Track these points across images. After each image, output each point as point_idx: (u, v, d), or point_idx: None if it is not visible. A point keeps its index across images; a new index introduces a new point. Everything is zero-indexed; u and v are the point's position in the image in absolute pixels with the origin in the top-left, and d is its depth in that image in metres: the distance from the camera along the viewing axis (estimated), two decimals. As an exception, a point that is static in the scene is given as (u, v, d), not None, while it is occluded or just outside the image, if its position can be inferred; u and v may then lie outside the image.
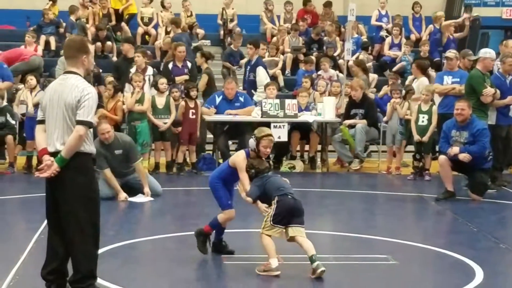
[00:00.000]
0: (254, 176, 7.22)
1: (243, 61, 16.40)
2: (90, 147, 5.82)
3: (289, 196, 7.04)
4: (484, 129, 10.82)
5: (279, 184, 7.16)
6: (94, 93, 5.77)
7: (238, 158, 7.37)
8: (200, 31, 18.64)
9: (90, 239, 5.83)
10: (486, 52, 11.94)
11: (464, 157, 10.58)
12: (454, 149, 10.68)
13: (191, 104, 13.11)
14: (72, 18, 17.54)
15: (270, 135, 7.36)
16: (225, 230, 7.57)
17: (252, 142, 7.32)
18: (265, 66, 15.56)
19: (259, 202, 7.19)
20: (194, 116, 13.11)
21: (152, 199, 10.65)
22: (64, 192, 5.78)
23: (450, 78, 13.04)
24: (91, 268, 5.85)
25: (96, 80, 13.74)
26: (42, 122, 5.91)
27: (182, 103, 13.08)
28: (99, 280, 6.09)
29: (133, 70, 13.90)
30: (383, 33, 18.66)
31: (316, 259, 6.78)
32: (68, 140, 5.69)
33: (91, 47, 6.16)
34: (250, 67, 15.19)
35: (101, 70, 14.95)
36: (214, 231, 7.57)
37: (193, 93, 13.14)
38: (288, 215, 6.97)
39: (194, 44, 16.88)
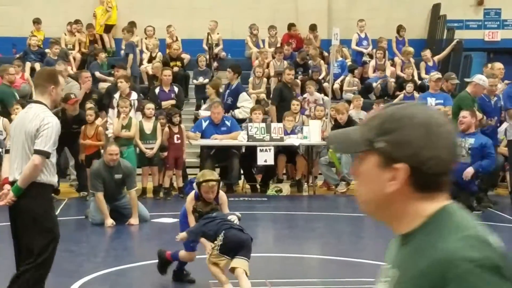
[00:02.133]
0: (199, 218, 7.19)
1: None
2: (49, 178, 5.77)
3: (237, 229, 7.03)
4: (492, 144, 10.90)
5: (223, 220, 7.11)
6: (55, 123, 5.74)
7: (187, 201, 7.47)
8: (186, 56, 18.70)
9: (40, 268, 5.82)
10: (480, 79, 11.97)
11: (468, 172, 10.57)
12: (469, 170, 10.60)
13: (175, 130, 13.15)
14: (50, 52, 17.37)
15: (211, 180, 7.22)
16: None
17: (194, 185, 7.37)
18: (246, 91, 15.71)
19: (203, 238, 7.15)
20: (179, 141, 13.16)
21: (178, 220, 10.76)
22: (20, 220, 5.78)
23: (434, 100, 13.18)
24: None
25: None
26: (9, 151, 5.95)
27: (166, 129, 13.13)
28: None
29: (116, 95, 13.94)
30: (365, 58, 18.78)
31: None
32: (24, 170, 5.67)
33: (62, 80, 6.11)
34: (230, 91, 15.27)
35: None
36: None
37: (175, 119, 13.18)
38: (236, 247, 6.95)
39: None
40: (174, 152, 13.09)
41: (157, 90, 14.64)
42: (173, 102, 14.44)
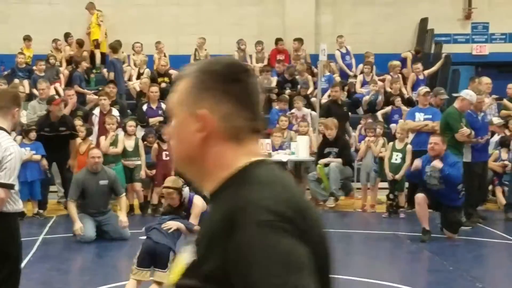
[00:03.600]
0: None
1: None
2: (14, 207, 5.69)
3: (149, 238, 7.08)
4: (459, 162, 10.85)
5: (151, 225, 7.30)
6: (16, 152, 5.63)
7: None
8: (174, 72, 18.66)
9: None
10: (468, 94, 11.96)
11: (438, 163, 10.50)
12: (437, 162, 10.62)
13: (164, 146, 13.12)
14: (36, 69, 17.34)
15: (168, 187, 7.36)
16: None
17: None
18: None
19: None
20: (167, 158, 13.12)
21: None
22: None
23: (422, 115, 13.18)
24: None
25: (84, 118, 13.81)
26: None
27: (155, 145, 13.09)
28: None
29: (96, 111, 13.91)
30: (351, 79, 18.77)
31: None
32: None
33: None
34: None
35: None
36: None
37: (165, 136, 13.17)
38: (150, 257, 7.01)
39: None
40: (163, 169, 13.04)
41: (144, 107, 14.59)
42: (160, 118, 14.39)
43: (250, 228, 1.73)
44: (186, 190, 7.36)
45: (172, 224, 7.17)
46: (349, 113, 15.89)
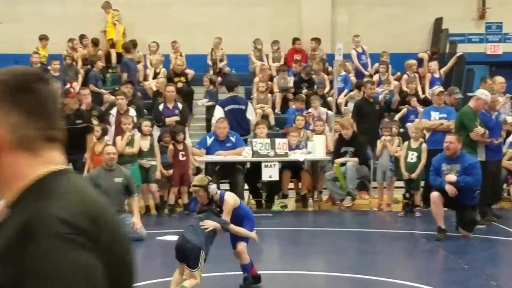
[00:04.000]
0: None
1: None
2: None
3: (183, 236, 7.44)
4: (476, 163, 10.88)
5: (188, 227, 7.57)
6: None
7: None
8: (190, 72, 18.74)
9: None
10: (483, 93, 11.98)
11: (452, 189, 10.59)
12: (451, 177, 10.68)
13: (180, 147, 13.20)
14: (51, 69, 17.50)
15: (194, 185, 7.89)
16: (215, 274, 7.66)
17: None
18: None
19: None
20: (184, 158, 13.20)
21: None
22: None
23: (438, 114, 13.21)
24: None
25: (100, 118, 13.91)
26: None
27: (171, 146, 13.17)
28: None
29: (113, 111, 14.00)
30: (367, 78, 18.78)
31: None
32: None
33: None
34: None
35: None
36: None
37: (179, 137, 13.21)
38: (178, 253, 7.41)
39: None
40: (180, 169, 13.13)
41: (161, 107, 14.67)
42: (177, 118, 14.46)
43: (45, 240, 1.71)
44: (212, 187, 7.64)
45: (209, 224, 7.42)
46: (383, 111, 15.88)
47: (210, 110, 16.67)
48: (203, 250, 7.27)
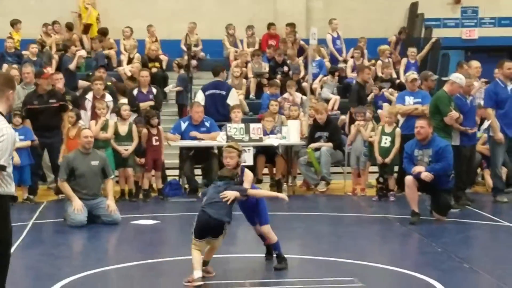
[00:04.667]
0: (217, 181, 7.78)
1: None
2: (6, 189, 5.67)
3: (205, 212, 7.42)
4: (447, 146, 10.91)
5: (208, 195, 7.60)
6: (10, 134, 5.62)
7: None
8: (164, 57, 18.67)
9: None
10: (457, 77, 12.00)
11: (426, 176, 10.64)
12: (418, 168, 10.76)
13: (154, 131, 13.12)
14: (28, 53, 17.38)
15: (231, 147, 7.92)
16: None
17: None
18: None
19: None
20: (157, 143, 13.12)
21: (158, 221, 11.02)
22: None
23: (412, 99, 13.23)
24: None
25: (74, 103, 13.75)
26: None
27: (145, 130, 13.08)
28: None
29: (89, 96, 13.91)
30: (341, 64, 18.80)
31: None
32: None
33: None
34: None
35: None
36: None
37: (153, 121, 13.12)
38: (202, 231, 7.41)
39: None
40: (153, 154, 13.06)
41: (135, 92, 14.59)
42: (151, 103, 14.40)
43: None
44: (243, 155, 7.82)
45: (230, 195, 7.53)
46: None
47: (180, 95, 16.61)
48: (227, 222, 7.48)
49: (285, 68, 17.90)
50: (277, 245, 8.08)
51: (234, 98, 15.16)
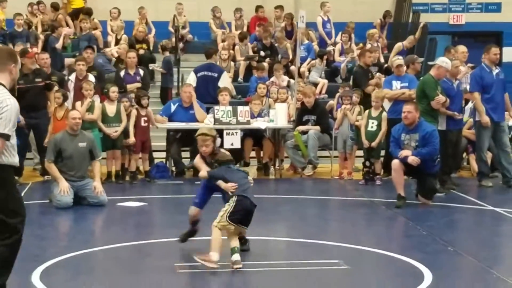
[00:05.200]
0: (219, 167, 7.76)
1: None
2: (9, 159, 5.71)
3: (248, 198, 7.40)
4: (434, 131, 10.94)
5: (241, 182, 7.54)
6: (13, 104, 5.66)
7: (196, 158, 7.98)
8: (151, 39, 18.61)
9: (9, 249, 5.79)
10: (444, 61, 12.01)
11: (413, 160, 10.68)
12: (405, 152, 10.79)
13: (143, 112, 13.10)
14: (15, 24, 17.35)
15: (201, 134, 7.83)
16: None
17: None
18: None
19: (222, 182, 7.58)
20: (146, 124, 13.10)
21: (145, 203, 11.02)
22: None
23: (399, 83, 13.27)
24: (3, 282, 5.80)
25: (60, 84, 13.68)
26: None
27: (134, 111, 13.05)
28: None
29: (71, 77, 13.86)
30: (329, 48, 18.78)
31: (237, 251, 7.25)
32: None
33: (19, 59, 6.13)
34: None
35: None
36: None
37: (144, 101, 13.11)
38: (242, 216, 7.35)
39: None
40: (141, 135, 13.02)
41: (122, 73, 14.55)
42: (138, 85, 14.36)
43: None
44: (218, 140, 7.68)
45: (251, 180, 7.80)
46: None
47: (164, 78, 16.53)
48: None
49: (262, 53, 17.77)
50: None
51: (226, 81, 15.12)
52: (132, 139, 12.83)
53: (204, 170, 7.81)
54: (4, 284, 5.84)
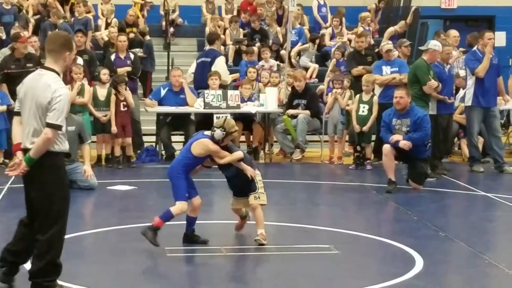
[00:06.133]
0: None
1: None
2: (60, 146, 5.75)
3: None
4: (425, 116, 10.93)
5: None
6: (66, 94, 5.68)
7: (210, 145, 7.51)
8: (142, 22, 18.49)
9: (58, 234, 5.81)
10: (436, 45, 11.94)
11: (405, 144, 10.66)
12: (396, 137, 10.77)
13: (121, 97, 12.93)
14: (4, 5, 17.25)
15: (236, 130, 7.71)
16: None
17: (219, 133, 7.46)
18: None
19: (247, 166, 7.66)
20: (125, 109, 12.95)
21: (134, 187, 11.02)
22: (35, 190, 5.77)
23: (389, 68, 13.25)
24: (55, 259, 5.82)
25: None
26: (18, 113, 5.85)
27: (113, 96, 12.90)
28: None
29: None
30: (323, 31, 18.73)
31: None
32: (36, 141, 5.62)
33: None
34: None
35: None
36: (185, 223, 7.69)
37: (120, 88, 12.90)
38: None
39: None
40: (121, 120, 12.83)
41: (112, 57, 14.45)
42: (128, 69, 14.26)
43: None
44: (217, 132, 7.48)
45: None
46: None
47: (144, 62, 16.31)
48: None
49: (257, 42, 17.70)
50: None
51: (219, 65, 14.90)
52: (114, 128, 12.71)
53: (236, 153, 7.65)
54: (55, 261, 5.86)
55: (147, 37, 17.11)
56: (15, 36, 13.44)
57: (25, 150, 5.70)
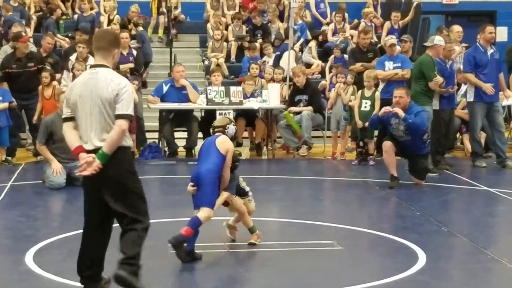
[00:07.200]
0: (234, 169, 7.37)
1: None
2: (129, 141, 5.77)
3: None
4: (422, 110, 10.92)
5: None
6: (130, 85, 5.70)
7: (229, 142, 7.24)
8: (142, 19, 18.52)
9: (141, 226, 5.90)
10: (440, 40, 11.92)
11: (398, 110, 10.57)
12: (386, 108, 10.82)
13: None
14: (2, 7, 17.23)
15: (214, 126, 7.54)
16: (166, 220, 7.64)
17: (233, 129, 7.37)
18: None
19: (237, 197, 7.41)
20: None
21: None
22: (111, 188, 5.71)
23: (392, 63, 13.22)
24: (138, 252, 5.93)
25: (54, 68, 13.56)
26: (69, 119, 5.77)
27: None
28: (43, 273, 6.07)
29: (72, 58, 13.76)
30: (324, 27, 18.72)
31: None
32: (109, 135, 5.58)
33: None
34: None
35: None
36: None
37: None
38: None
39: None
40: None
41: (115, 53, 14.42)
42: (131, 65, 14.27)
43: None
44: (231, 128, 7.35)
45: None
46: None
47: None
48: None
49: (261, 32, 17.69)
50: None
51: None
52: None
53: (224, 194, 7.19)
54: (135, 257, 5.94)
55: (140, 28, 17.15)
56: (16, 35, 13.43)
57: (91, 152, 5.62)
